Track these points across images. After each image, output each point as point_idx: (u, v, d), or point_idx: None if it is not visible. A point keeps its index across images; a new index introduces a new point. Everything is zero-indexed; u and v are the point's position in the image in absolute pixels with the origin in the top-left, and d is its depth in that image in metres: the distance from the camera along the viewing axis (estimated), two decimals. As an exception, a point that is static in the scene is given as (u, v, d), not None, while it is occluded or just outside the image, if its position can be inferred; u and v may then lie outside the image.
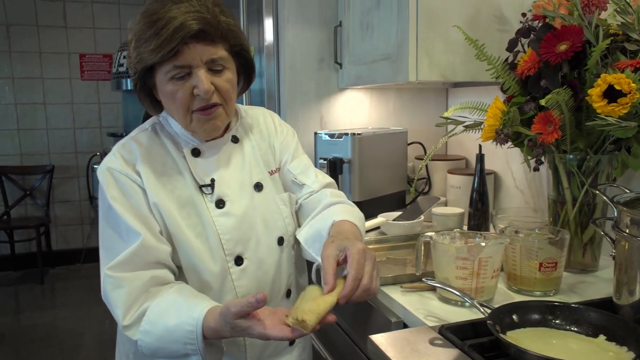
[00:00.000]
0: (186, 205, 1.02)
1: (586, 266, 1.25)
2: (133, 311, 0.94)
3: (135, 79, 0.99)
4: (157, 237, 0.99)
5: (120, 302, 0.94)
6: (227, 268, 1.03)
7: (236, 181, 1.07)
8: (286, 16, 1.88)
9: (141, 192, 1.00)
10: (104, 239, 1.00)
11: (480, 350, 0.84)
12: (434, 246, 1.11)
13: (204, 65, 0.94)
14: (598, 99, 1.05)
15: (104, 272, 0.96)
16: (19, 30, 4.38)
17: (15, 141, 4.49)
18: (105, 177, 1.00)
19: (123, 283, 0.94)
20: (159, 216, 1.00)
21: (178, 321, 0.90)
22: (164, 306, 0.93)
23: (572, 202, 1.23)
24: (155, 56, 0.91)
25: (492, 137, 1.24)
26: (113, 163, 1.01)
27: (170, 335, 0.90)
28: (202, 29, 0.91)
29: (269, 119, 1.20)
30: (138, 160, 1.01)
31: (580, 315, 0.87)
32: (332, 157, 1.66)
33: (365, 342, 1.27)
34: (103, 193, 0.99)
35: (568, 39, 1.12)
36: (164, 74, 0.95)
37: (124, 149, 1.03)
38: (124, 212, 0.97)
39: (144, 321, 0.93)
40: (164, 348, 0.92)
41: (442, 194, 1.88)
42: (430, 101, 2.07)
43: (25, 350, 3.10)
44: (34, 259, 4.34)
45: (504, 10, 1.50)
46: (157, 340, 0.92)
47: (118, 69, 3.65)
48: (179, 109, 0.98)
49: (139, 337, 0.94)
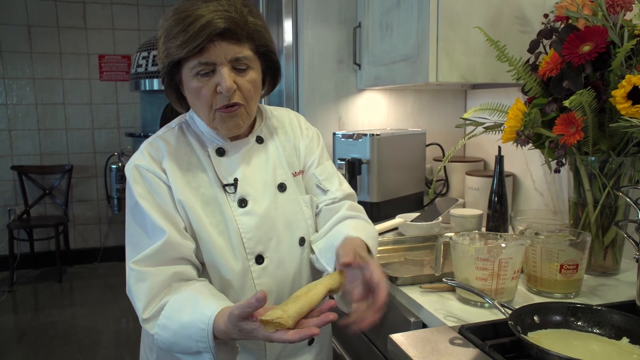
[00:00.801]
0: (210, 203, 1.04)
1: (607, 269, 1.24)
2: (153, 305, 0.96)
3: (163, 73, 1.01)
4: (182, 234, 1.00)
5: (142, 296, 0.96)
6: (248, 266, 1.04)
7: (259, 181, 1.08)
8: (305, 17, 1.89)
9: (167, 189, 1.01)
10: (130, 234, 1.02)
11: (501, 350, 0.84)
12: (453, 247, 1.11)
13: (228, 63, 0.96)
14: (622, 100, 1.04)
15: (128, 266, 0.98)
16: (40, 32, 4.46)
17: (35, 141, 4.56)
18: (132, 174, 1.02)
19: (146, 277, 0.96)
20: (184, 213, 1.01)
21: (192, 318, 0.91)
22: (182, 302, 0.94)
23: (594, 205, 1.22)
24: (181, 51, 0.94)
25: (513, 138, 1.24)
26: (140, 160, 1.03)
27: (185, 331, 0.92)
28: (228, 28, 0.93)
29: (295, 121, 1.21)
30: (165, 158, 1.03)
31: (602, 317, 0.86)
32: (350, 158, 1.67)
33: (382, 342, 1.27)
34: (130, 189, 1.01)
35: (591, 39, 1.12)
36: (189, 70, 0.97)
37: (151, 147, 1.05)
38: (150, 208, 0.99)
39: (162, 315, 0.95)
40: (178, 343, 0.94)
41: (460, 195, 1.87)
42: (449, 102, 2.06)
43: (44, 348, 3.15)
44: (52, 257, 4.40)
45: (526, 11, 1.50)
46: (172, 335, 0.94)
47: (137, 70, 3.70)
48: (202, 106, 1.00)
49: (156, 330, 0.95)
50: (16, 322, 3.60)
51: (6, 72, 4.40)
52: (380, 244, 1.53)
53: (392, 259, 1.46)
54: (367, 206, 1.67)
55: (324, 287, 0.88)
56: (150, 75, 3.56)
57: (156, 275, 0.96)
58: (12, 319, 3.63)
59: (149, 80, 3.58)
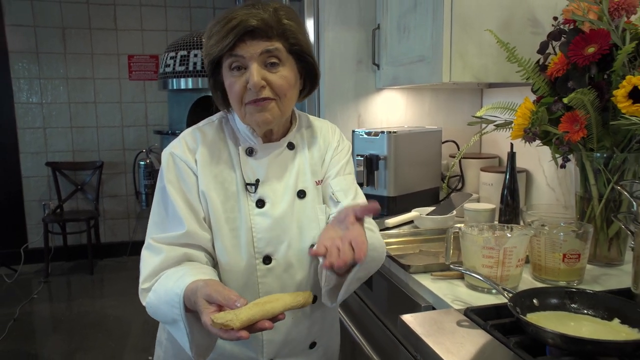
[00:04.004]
0: (231, 199, 1.08)
1: (612, 260, 1.30)
2: (155, 278, 1.01)
3: (208, 74, 1.09)
4: (201, 225, 1.06)
5: (151, 267, 1.02)
6: (254, 265, 1.08)
7: (281, 185, 1.11)
8: (326, 19, 1.97)
9: (195, 179, 1.08)
10: (154, 214, 1.09)
11: (501, 330, 0.92)
12: (462, 236, 1.19)
13: (258, 59, 1.00)
14: (623, 99, 1.10)
15: (147, 241, 1.05)
16: (73, 33, 4.63)
17: (68, 138, 4.74)
18: (167, 160, 1.09)
19: (162, 251, 1.03)
20: (205, 204, 1.07)
21: (174, 285, 0.95)
22: (176, 272, 0.99)
23: (599, 199, 1.28)
24: (216, 49, 1.01)
25: (521, 135, 1.31)
26: (177, 149, 1.09)
27: (166, 296, 0.96)
28: (258, 26, 0.99)
29: (330, 132, 1.23)
30: (199, 149, 1.09)
31: (596, 300, 0.93)
32: (368, 154, 1.75)
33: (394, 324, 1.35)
34: (162, 173, 1.09)
35: (596, 42, 1.18)
36: (227, 68, 1.03)
37: (189, 137, 1.11)
38: (176, 196, 1.06)
39: (157, 282, 1.01)
40: (160, 309, 0.98)
41: (474, 191, 1.94)
42: (466, 101, 2.13)
43: (78, 335, 3.31)
44: (84, 250, 4.57)
45: (537, 13, 1.56)
46: (157, 300, 0.98)
47: (164, 70, 3.82)
48: (234, 101, 1.05)
49: (149, 296, 1.00)
50: (52, 311, 3.78)
51: (42, 72, 4.60)
52: (396, 236, 1.62)
53: (407, 250, 1.54)
54: (384, 200, 1.75)
55: (283, 305, 0.89)
56: (178, 75, 3.69)
57: (171, 252, 1.02)
58: (48, 308, 3.81)
59: (176, 79, 3.70)
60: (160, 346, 1.23)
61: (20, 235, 4.68)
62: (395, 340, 1.37)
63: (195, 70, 3.63)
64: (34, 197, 4.71)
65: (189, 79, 3.67)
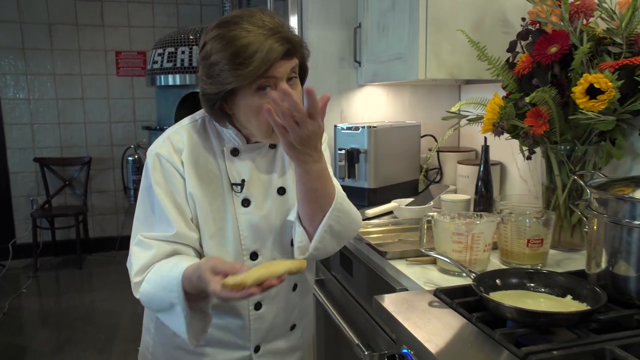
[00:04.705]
0: (217, 199, 1.12)
1: (574, 245, 1.39)
2: (147, 271, 1.05)
3: (216, 98, 1.05)
4: (189, 225, 1.09)
5: (142, 261, 1.05)
6: (242, 261, 1.13)
7: (263, 184, 1.16)
8: (310, 17, 2.05)
9: (182, 180, 1.10)
10: (140, 212, 1.11)
11: (467, 307, 1.00)
12: (435, 224, 1.27)
13: (285, 77, 1.03)
14: (581, 95, 1.19)
15: (137, 237, 1.08)
16: (60, 29, 4.66)
17: (56, 134, 4.77)
18: (153, 161, 1.10)
19: (153, 246, 1.07)
20: (192, 205, 1.10)
21: (170, 270, 1.00)
22: (169, 261, 1.05)
23: (562, 188, 1.37)
24: (248, 79, 0.99)
25: (491, 129, 1.39)
26: (162, 149, 1.10)
27: (162, 281, 1.01)
28: (287, 49, 1.01)
29: None
30: (185, 150, 1.11)
31: (551, 279, 1.02)
32: (349, 148, 1.83)
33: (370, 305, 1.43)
34: (148, 174, 1.10)
35: (557, 42, 1.27)
36: (249, 89, 1.01)
37: (175, 137, 1.12)
38: (164, 197, 1.08)
39: (150, 273, 1.05)
40: (156, 295, 1.02)
41: (452, 182, 2.03)
42: (444, 97, 2.22)
43: (68, 328, 3.36)
44: (73, 245, 4.61)
45: (508, 14, 1.65)
46: (152, 287, 1.03)
47: (152, 66, 3.86)
48: (262, 122, 1.03)
49: (142, 286, 1.04)
50: (41, 305, 3.82)
51: (29, 68, 4.62)
52: (377, 225, 1.70)
53: (386, 239, 1.62)
54: (365, 192, 1.84)
55: (285, 267, 0.97)
56: (166, 71, 3.73)
57: (161, 247, 1.06)
58: (37, 302, 3.86)
59: (164, 75, 3.74)
60: (149, 334, 1.27)
61: (7, 231, 4.71)
62: (373, 323, 1.45)
63: (183, 67, 3.68)
64: (21, 192, 4.74)
65: (176, 75, 3.71)
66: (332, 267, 1.84)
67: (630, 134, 1.33)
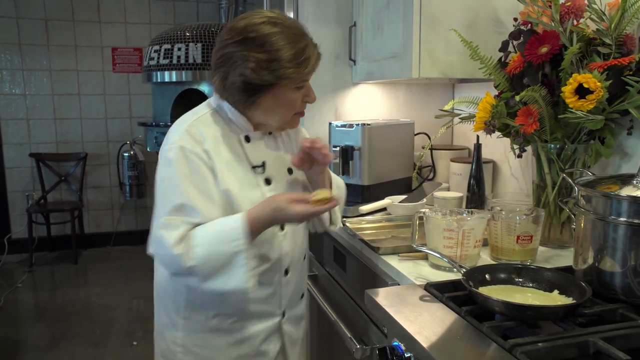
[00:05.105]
0: (244, 182, 1.21)
1: (564, 242, 1.41)
2: (184, 242, 1.11)
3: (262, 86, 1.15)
4: (216, 211, 1.16)
5: (173, 239, 1.11)
6: (275, 232, 1.25)
7: (276, 165, 1.28)
8: (306, 15, 2.06)
9: (207, 170, 1.16)
10: (164, 202, 1.16)
11: (456, 301, 1.02)
12: (426, 220, 1.29)
13: None
14: (570, 95, 1.22)
15: (161, 221, 1.13)
16: (56, 25, 4.65)
17: (52, 130, 4.77)
18: (177, 154, 1.15)
19: (180, 225, 1.13)
20: (225, 194, 1.18)
21: (222, 225, 1.13)
22: (213, 223, 1.14)
23: (552, 186, 1.39)
24: (302, 77, 1.17)
25: (482, 127, 1.42)
26: (185, 142, 1.16)
27: (219, 236, 1.11)
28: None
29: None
30: (206, 141, 1.18)
31: (539, 275, 1.04)
32: (344, 145, 1.85)
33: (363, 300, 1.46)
34: (171, 166, 1.15)
35: (548, 42, 1.29)
36: (293, 84, 1.17)
37: (192, 130, 1.19)
38: (191, 187, 1.15)
39: (193, 239, 1.12)
40: (213, 253, 1.11)
41: (445, 180, 2.05)
42: (438, 95, 2.24)
43: (64, 322, 3.38)
44: (68, 241, 4.61)
45: (500, 14, 1.67)
46: (207, 247, 1.11)
47: (149, 63, 3.87)
48: (289, 112, 1.21)
49: (191, 256, 1.10)
50: (36, 299, 3.83)
51: (25, 63, 4.61)
52: (370, 222, 1.72)
53: (379, 235, 1.64)
54: (359, 189, 1.86)
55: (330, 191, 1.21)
56: (162, 68, 3.74)
57: (189, 225, 1.13)
58: (33, 297, 3.87)
59: (160, 72, 3.75)
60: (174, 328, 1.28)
61: (3, 226, 4.71)
62: (366, 317, 1.48)
63: (179, 64, 3.68)
64: (17, 187, 4.74)
65: (172, 72, 3.72)
66: (325, 263, 1.86)
67: (618, 133, 1.36)
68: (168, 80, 3.77)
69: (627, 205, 0.95)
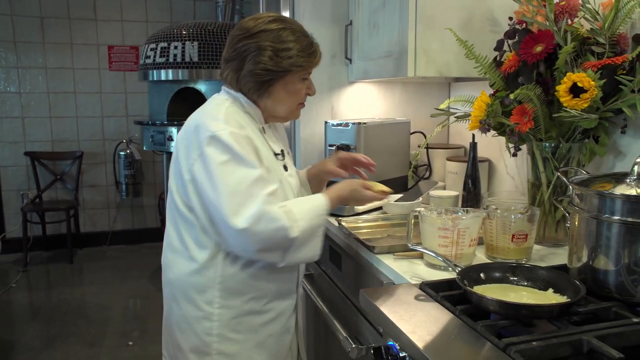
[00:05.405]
0: (270, 169, 1.30)
1: (559, 240, 1.42)
2: (287, 215, 1.22)
3: (276, 73, 1.27)
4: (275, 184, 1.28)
5: (280, 212, 1.21)
6: None
7: (285, 151, 1.43)
8: (302, 14, 2.06)
9: (255, 151, 1.26)
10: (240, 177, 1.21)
11: (451, 300, 1.02)
12: (422, 219, 1.29)
13: None
14: (564, 94, 1.22)
15: (262, 195, 1.20)
16: (52, 23, 4.63)
17: (47, 128, 4.75)
18: (230, 139, 1.21)
19: (274, 201, 1.23)
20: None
21: (309, 202, 1.30)
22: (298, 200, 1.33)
23: (547, 185, 1.40)
24: (309, 66, 1.32)
25: (478, 126, 1.42)
26: (232, 128, 1.23)
27: (312, 211, 1.27)
28: None
29: None
30: (245, 128, 1.27)
31: (534, 273, 1.05)
32: (339, 144, 1.85)
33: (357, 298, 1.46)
34: (231, 148, 1.20)
35: (543, 41, 1.29)
36: (299, 77, 1.31)
37: (231, 117, 1.26)
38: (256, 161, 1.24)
39: (294, 214, 1.23)
40: (311, 226, 1.25)
41: (441, 179, 2.05)
42: (434, 94, 2.24)
43: (59, 321, 3.37)
44: (63, 240, 4.60)
45: (496, 13, 1.67)
46: (308, 220, 1.25)
47: (145, 61, 3.85)
48: (295, 101, 1.35)
49: (296, 229, 1.22)
50: (31, 299, 3.82)
51: (20, 61, 4.60)
52: (366, 220, 1.72)
53: (375, 234, 1.64)
54: (355, 187, 1.85)
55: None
56: (158, 66, 3.73)
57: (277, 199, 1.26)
58: (27, 296, 3.86)
59: (156, 70, 3.74)
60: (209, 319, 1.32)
61: (-2, 225, 4.70)
62: (361, 316, 1.48)
63: (176, 62, 3.67)
64: (11, 186, 4.72)
65: (169, 71, 3.71)
66: (321, 262, 1.86)
67: (612, 132, 1.36)
68: (164, 79, 3.76)
69: (621, 204, 0.96)
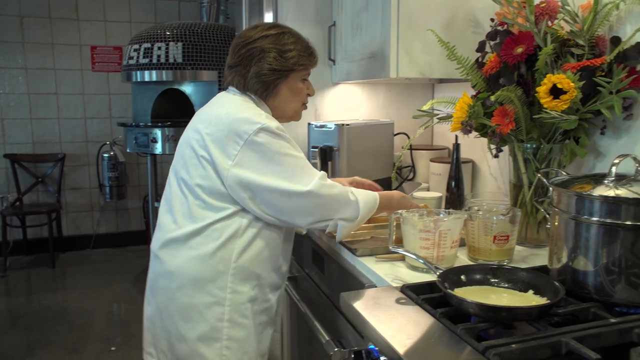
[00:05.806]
0: None
1: (540, 241, 1.42)
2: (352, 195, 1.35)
3: (282, 71, 1.37)
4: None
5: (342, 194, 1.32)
6: None
7: None
8: (285, 15, 2.05)
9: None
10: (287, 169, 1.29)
11: (432, 303, 1.01)
12: (403, 221, 1.29)
13: None
14: (545, 95, 1.22)
15: (316, 182, 1.29)
16: (32, 22, 4.56)
17: (28, 130, 4.67)
18: (276, 132, 1.29)
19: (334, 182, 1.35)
20: None
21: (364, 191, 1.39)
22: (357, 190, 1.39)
23: (529, 186, 1.40)
24: (310, 65, 1.43)
25: (459, 128, 1.41)
26: (277, 123, 1.32)
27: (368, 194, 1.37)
28: None
29: None
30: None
31: (514, 275, 1.04)
32: (323, 146, 1.84)
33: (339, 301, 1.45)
34: (281, 143, 1.29)
35: (523, 43, 1.29)
36: (300, 76, 1.41)
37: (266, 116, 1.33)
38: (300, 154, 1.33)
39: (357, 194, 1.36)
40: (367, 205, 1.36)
41: (425, 180, 2.05)
42: (417, 95, 2.24)
43: (39, 328, 3.30)
44: (45, 244, 4.52)
45: (478, 15, 1.67)
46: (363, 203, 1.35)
47: (128, 62, 3.81)
48: (298, 101, 1.44)
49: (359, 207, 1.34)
50: (10, 305, 3.74)
51: (-2, 62, 4.52)
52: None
53: (358, 236, 1.63)
54: (338, 189, 1.84)
55: None
56: (142, 67, 3.68)
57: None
58: (6, 303, 3.77)
59: (140, 71, 3.70)
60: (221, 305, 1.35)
61: (-23, 229, 4.60)
62: (344, 319, 1.46)
63: (159, 63, 3.63)
64: (-9, 189, 4.64)
65: (153, 71, 3.67)
66: (304, 265, 1.84)
67: (592, 133, 1.36)
68: (148, 80, 3.72)
69: (599, 205, 0.96)
